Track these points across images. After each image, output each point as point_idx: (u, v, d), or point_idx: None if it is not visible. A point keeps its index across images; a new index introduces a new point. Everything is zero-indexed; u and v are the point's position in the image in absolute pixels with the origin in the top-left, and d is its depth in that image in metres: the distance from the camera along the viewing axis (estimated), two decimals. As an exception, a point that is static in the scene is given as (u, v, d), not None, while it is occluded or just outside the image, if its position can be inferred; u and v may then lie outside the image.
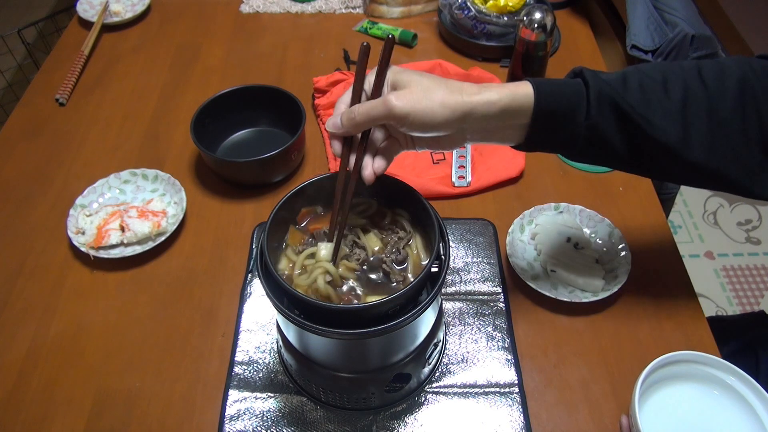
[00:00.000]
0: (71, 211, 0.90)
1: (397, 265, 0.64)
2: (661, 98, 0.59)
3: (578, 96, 0.59)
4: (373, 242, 0.65)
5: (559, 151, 0.63)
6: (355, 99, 0.59)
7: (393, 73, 0.58)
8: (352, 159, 0.60)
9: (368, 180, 0.59)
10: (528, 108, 0.58)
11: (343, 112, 0.58)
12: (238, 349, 0.76)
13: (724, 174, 0.60)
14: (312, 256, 0.64)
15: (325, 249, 0.62)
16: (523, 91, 0.58)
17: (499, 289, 0.82)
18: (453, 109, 0.56)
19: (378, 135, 0.60)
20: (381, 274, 0.64)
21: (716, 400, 0.67)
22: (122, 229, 0.86)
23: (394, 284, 0.63)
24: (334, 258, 0.62)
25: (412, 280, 0.60)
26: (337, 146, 0.60)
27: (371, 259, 0.64)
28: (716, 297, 1.82)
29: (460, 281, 0.83)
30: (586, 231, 0.87)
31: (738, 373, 0.66)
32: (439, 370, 0.74)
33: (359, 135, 0.60)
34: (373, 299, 0.61)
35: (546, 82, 0.59)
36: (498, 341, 0.77)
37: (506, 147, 0.93)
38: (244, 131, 1.03)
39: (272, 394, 0.73)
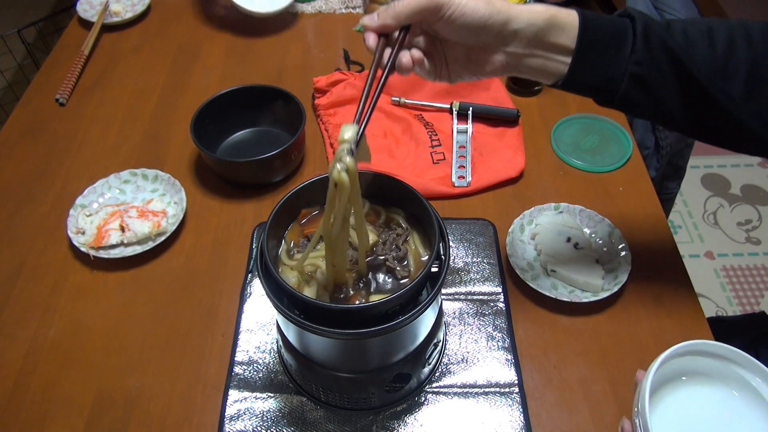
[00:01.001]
0: (71, 211, 0.90)
1: (398, 262, 0.64)
2: (704, 47, 0.57)
3: (624, 27, 0.57)
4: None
5: (600, 92, 0.60)
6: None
7: None
8: (386, 54, 0.57)
9: (406, 66, 0.57)
10: (573, 27, 0.56)
11: (381, 9, 0.55)
12: (238, 349, 0.76)
13: (759, 135, 0.58)
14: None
15: (349, 131, 0.55)
16: (567, 11, 0.57)
17: (499, 289, 0.82)
18: (498, 9, 0.54)
19: (415, 41, 0.58)
20: (385, 271, 0.64)
21: (736, 403, 0.58)
22: (122, 229, 0.86)
23: (402, 280, 0.63)
24: (357, 143, 0.56)
25: (416, 275, 0.60)
26: (372, 39, 0.56)
27: (371, 258, 0.64)
28: (716, 297, 1.82)
29: (460, 281, 0.83)
30: (586, 231, 0.87)
31: (762, 372, 0.57)
32: (439, 370, 0.74)
33: (395, 36, 0.57)
34: (376, 299, 0.61)
35: (590, 12, 0.57)
36: (498, 341, 0.77)
37: (506, 147, 0.92)
38: (244, 131, 1.03)
39: (272, 394, 0.73)
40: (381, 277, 0.64)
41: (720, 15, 2.08)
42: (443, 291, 0.82)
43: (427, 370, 0.72)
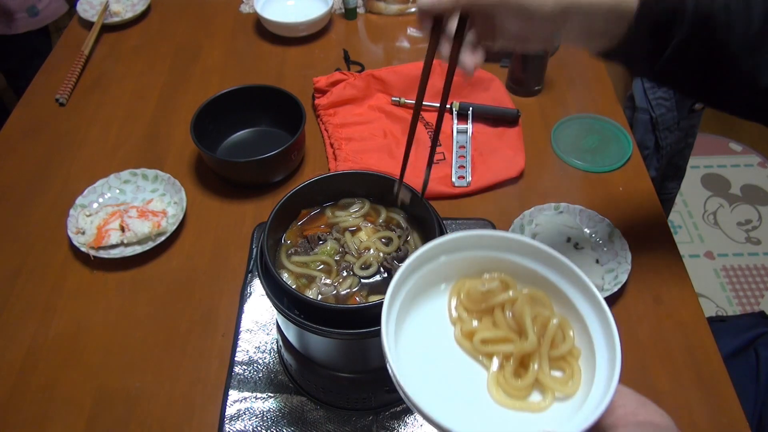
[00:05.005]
0: (71, 211, 0.90)
1: (399, 262, 0.64)
2: (741, 23, 0.57)
3: (675, 3, 0.57)
4: (362, 236, 0.65)
5: (641, 63, 0.61)
6: None
7: None
8: (445, 49, 0.56)
9: (471, 69, 0.56)
10: (630, 13, 0.56)
11: None
12: (238, 349, 0.76)
13: None
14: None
15: None
16: None
17: (499, 289, 0.82)
18: (563, 7, 0.54)
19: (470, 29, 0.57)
20: (384, 272, 0.64)
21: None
22: (122, 229, 0.86)
23: None
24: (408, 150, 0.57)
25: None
26: (428, 24, 0.55)
27: (371, 258, 0.64)
28: (716, 297, 1.82)
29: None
30: (586, 231, 0.87)
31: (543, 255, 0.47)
32: (439, 370, 0.74)
33: (452, 27, 0.56)
34: (376, 299, 0.61)
35: None
36: (498, 341, 0.77)
37: (506, 147, 0.92)
38: (244, 131, 1.03)
39: (272, 394, 0.72)
40: (381, 277, 0.64)
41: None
42: (443, 291, 0.81)
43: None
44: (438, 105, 0.58)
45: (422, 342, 0.46)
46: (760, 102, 0.62)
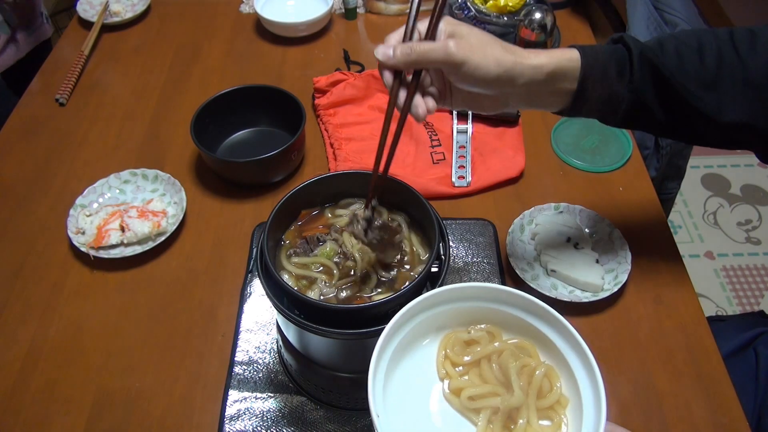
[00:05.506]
0: (71, 211, 0.90)
1: (399, 262, 0.64)
2: (696, 66, 0.60)
3: (623, 59, 0.60)
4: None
5: (600, 116, 0.64)
6: (405, 38, 0.58)
7: (449, 24, 0.58)
8: (402, 95, 0.59)
9: (422, 116, 0.59)
10: (574, 72, 0.60)
11: (397, 45, 0.57)
12: (238, 349, 0.76)
13: (761, 133, 0.61)
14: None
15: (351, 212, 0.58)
16: (569, 56, 0.60)
17: (499, 289, 0.82)
18: (505, 69, 0.57)
19: (427, 79, 0.60)
20: (384, 272, 0.64)
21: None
22: (122, 229, 0.86)
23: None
24: (371, 200, 0.60)
25: (415, 276, 0.60)
26: (388, 77, 0.59)
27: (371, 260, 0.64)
28: (716, 297, 1.82)
29: (460, 281, 0.83)
30: (586, 231, 0.87)
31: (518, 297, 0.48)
32: (439, 370, 0.74)
33: (408, 74, 0.59)
34: (376, 299, 0.61)
35: (590, 48, 0.60)
36: (498, 341, 0.77)
37: (506, 147, 0.93)
38: (244, 131, 1.03)
39: (272, 394, 0.72)
40: (382, 276, 0.64)
41: (720, 15, 2.08)
42: (443, 291, 0.81)
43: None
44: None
45: (411, 397, 0.47)
46: (727, 136, 0.64)
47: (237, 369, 0.75)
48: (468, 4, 1.15)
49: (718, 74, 0.60)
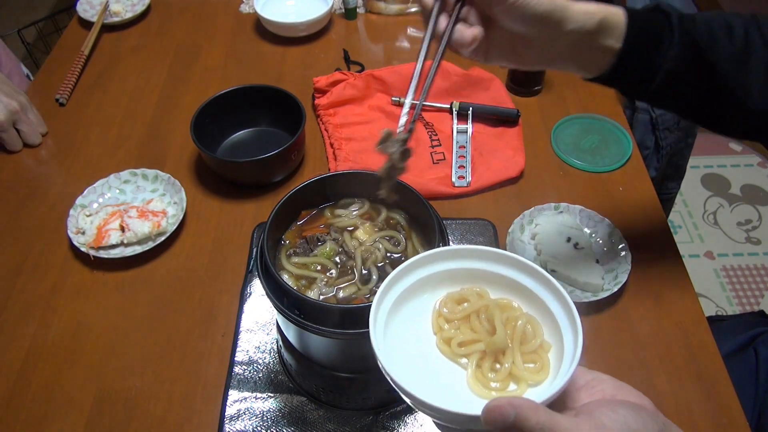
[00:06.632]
0: (71, 211, 0.90)
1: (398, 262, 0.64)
2: (726, 43, 0.59)
3: (662, 24, 0.59)
4: (360, 235, 0.65)
5: (632, 87, 0.62)
6: None
7: None
8: (441, 22, 0.55)
9: (469, 41, 0.55)
10: (620, 28, 0.58)
11: None
12: (238, 349, 0.76)
13: None
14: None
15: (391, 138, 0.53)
16: (614, 11, 0.58)
17: (499, 289, 0.82)
18: (556, 6, 0.55)
19: (470, 17, 0.57)
20: (384, 272, 0.64)
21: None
22: (122, 229, 0.86)
23: None
24: (408, 134, 0.54)
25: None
26: (429, 1, 0.55)
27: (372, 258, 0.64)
28: (716, 297, 1.82)
29: (460, 281, 0.83)
30: (586, 231, 0.87)
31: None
32: (439, 370, 0.74)
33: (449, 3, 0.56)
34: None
35: (633, 10, 0.59)
36: (498, 341, 0.77)
37: (506, 147, 0.92)
38: (244, 131, 1.03)
39: (272, 394, 0.72)
40: (381, 277, 0.64)
41: (720, 15, 2.08)
42: (443, 291, 0.81)
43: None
44: (438, 105, 0.59)
45: (407, 343, 0.50)
46: (751, 123, 0.63)
47: (237, 369, 0.75)
48: (468, 4, 1.15)
49: (746, 53, 0.59)
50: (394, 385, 0.43)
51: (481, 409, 0.38)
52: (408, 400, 0.43)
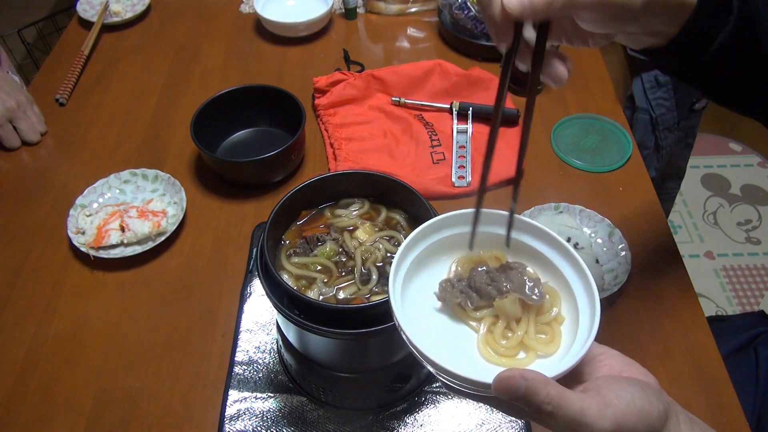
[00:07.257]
0: (71, 211, 0.90)
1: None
2: None
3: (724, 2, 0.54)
4: (360, 235, 0.65)
5: (682, 62, 0.57)
6: None
7: None
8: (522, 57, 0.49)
9: (562, 77, 0.51)
10: (691, 5, 0.52)
11: None
12: (238, 349, 0.76)
13: None
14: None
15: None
16: None
17: (499, 289, 0.82)
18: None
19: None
20: (385, 272, 0.64)
21: None
22: (122, 229, 0.86)
23: None
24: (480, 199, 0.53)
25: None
26: (509, 36, 0.46)
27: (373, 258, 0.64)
28: (716, 297, 1.82)
29: (460, 281, 0.83)
30: (586, 231, 0.87)
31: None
32: (439, 370, 0.74)
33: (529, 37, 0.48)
34: (376, 299, 0.61)
35: None
36: (498, 341, 0.77)
37: (506, 147, 0.92)
38: (244, 131, 1.03)
39: (272, 394, 0.73)
40: (381, 277, 0.64)
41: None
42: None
43: (427, 370, 0.72)
44: (438, 105, 0.57)
45: (423, 306, 0.51)
46: None
47: (237, 369, 0.75)
48: (468, 4, 1.15)
49: None
50: (411, 348, 0.44)
51: (491, 376, 0.39)
52: (427, 365, 0.44)
